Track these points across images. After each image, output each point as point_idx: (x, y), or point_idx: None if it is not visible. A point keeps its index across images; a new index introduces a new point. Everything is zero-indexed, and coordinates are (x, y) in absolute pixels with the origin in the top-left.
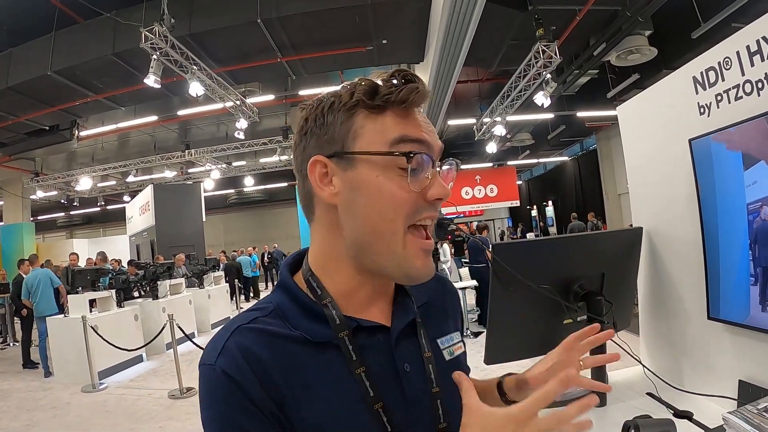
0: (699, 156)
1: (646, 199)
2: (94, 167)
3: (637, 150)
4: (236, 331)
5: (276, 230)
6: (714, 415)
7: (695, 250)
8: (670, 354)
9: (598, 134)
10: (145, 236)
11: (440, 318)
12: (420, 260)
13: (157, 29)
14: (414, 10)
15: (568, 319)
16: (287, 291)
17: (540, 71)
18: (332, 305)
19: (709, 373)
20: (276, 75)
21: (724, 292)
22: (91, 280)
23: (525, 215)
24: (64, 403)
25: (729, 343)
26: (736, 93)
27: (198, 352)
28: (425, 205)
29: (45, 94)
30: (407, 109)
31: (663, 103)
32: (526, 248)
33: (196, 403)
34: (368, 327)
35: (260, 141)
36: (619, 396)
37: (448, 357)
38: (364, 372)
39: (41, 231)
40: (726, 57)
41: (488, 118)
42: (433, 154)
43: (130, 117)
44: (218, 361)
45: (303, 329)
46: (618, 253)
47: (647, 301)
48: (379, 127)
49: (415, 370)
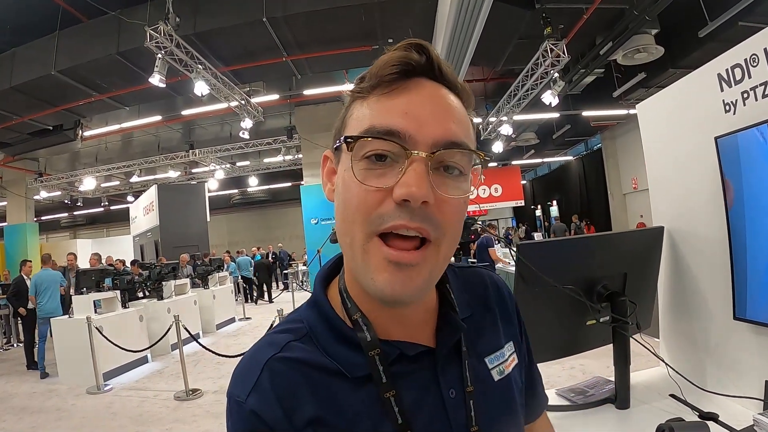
0: (726, 154)
1: (667, 198)
2: (97, 167)
3: (657, 149)
4: (270, 363)
5: (280, 230)
6: (740, 417)
7: (720, 249)
8: (692, 355)
9: (603, 134)
10: (149, 236)
11: (489, 330)
12: (381, 273)
13: (162, 28)
14: (421, 8)
15: (591, 320)
16: (318, 310)
17: (548, 70)
18: (363, 321)
19: (734, 374)
20: (281, 74)
21: (751, 292)
22: (95, 280)
23: (529, 215)
24: (69, 405)
25: (755, 344)
26: (764, 90)
27: (204, 353)
28: (391, 208)
29: (48, 93)
30: (396, 89)
31: (685, 101)
32: (550, 248)
33: (203, 404)
34: (413, 355)
35: (264, 141)
36: (641, 398)
37: (498, 377)
38: (394, 396)
39: (45, 231)
40: (753, 54)
41: (494, 117)
42: (410, 143)
43: (133, 117)
44: (249, 399)
45: (338, 358)
46: (639, 253)
47: (668, 301)
48: (357, 114)
49: (460, 397)
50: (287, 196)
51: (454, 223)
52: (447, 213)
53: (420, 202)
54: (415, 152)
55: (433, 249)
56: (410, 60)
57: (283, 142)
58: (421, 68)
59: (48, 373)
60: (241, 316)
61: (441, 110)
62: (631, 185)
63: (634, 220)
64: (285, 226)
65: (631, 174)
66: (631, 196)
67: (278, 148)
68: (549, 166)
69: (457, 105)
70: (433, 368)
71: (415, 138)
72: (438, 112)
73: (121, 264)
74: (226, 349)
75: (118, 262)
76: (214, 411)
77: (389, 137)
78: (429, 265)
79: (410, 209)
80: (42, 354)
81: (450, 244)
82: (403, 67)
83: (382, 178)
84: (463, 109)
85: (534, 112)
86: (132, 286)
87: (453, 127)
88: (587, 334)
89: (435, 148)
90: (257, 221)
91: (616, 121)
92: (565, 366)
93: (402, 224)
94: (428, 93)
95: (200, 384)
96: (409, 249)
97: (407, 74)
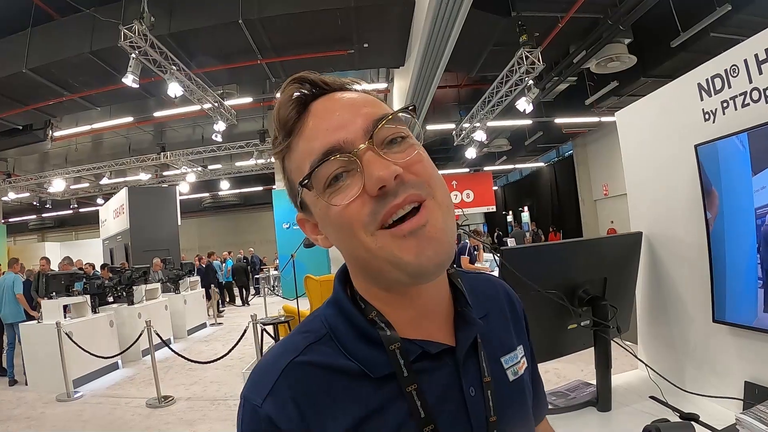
0: (705, 162)
1: (645, 204)
2: (67, 169)
3: (636, 156)
4: (289, 367)
5: (251, 235)
6: (720, 417)
7: (698, 253)
8: (671, 357)
9: (574, 140)
10: (119, 240)
11: (503, 331)
12: (407, 250)
13: (137, 27)
14: (397, 13)
15: (572, 324)
16: (340, 310)
17: (522, 77)
18: (380, 318)
19: (713, 375)
20: (255, 77)
21: (730, 295)
22: (65, 285)
23: (501, 221)
24: (39, 413)
25: (734, 346)
26: (743, 100)
27: (175, 358)
28: (376, 204)
29: (19, 92)
30: (304, 121)
31: (665, 110)
32: (531, 253)
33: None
34: (435, 353)
35: (237, 144)
36: (622, 400)
37: (512, 377)
38: (416, 391)
39: (12, 233)
40: (733, 65)
41: (468, 123)
42: (349, 147)
43: (105, 118)
44: (265, 404)
45: (359, 357)
46: (619, 258)
47: (646, 305)
48: (294, 165)
49: (478, 395)
50: (259, 201)
51: (432, 174)
52: (420, 170)
53: (393, 179)
54: (357, 149)
55: (431, 202)
56: (299, 93)
57: (256, 145)
58: (311, 95)
59: (17, 380)
60: (212, 321)
61: (348, 106)
62: (602, 191)
63: (604, 226)
64: (256, 230)
65: (602, 180)
66: (601, 202)
67: (250, 151)
68: (521, 172)
69: (357, 95)
70: (455, 366)
71: (350, 140)
72: (347, 109)
73: (90, 268)
74: (198, 355)
75: (87, 266)
76: (187, 418)
77: (331, 154)
78: (437, 216)
79: (390, 192)
80: (10, 361)
81: (442, 191)
82: (297, 101)
83: (350, 189)
84: (363, 94)
85: (507, 119)
86: (102, 290)
87: (367, 110)
88: (568, 338)
89: (368, 134)
90: (228, 225)
91: (587, 128)
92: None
93: (393, 206)
94: (329, 103)
95: (172, 391)
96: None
97: (304, 105)
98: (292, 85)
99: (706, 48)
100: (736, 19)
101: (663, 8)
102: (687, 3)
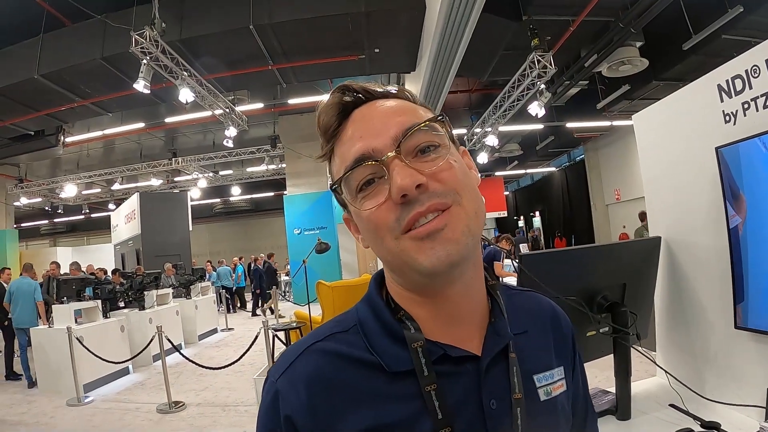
0: (727, 164)
1: (664, 209)
2: (79, 174)
3: (654, 159)
4: (308, 350)
5: (263, 240)
6: (742, 425)
7: (719, 258)
8: (691, 364)
9: (586, 145)
10: (130, 245)
11: (542, 349)
12: (422, 251)
13: (148, 33)
14: (408, 18)
15: (591, 331)
16: (372, 306)
17: (534, 81)
18: (407, 317)
19: (735, 382)
20: (266, 83)
21: (753, 301)
22: (76, 290)
23: (512, 226)
24: (49, 417)
25: (756, 352)
26: (765, 101)
27: (186, 364)
28: (401, 211)
29: (31, 98)
30: (343, 128)
31: (684, 112)
32: (550, 259)
33: (186, 417)
34: (456, 357)
35: (248, 150)
36: (642, 408)
37: (544, 397)
38: (434, 390)
39: (24, 238)
40: (754, 65)
41: (479, 128)
42: (378, 155)
43: (116, 124)
44: (279, 380)
45: (381, 353)
46: (638, 264)
47: (665, 311)
48: (334, 169)
49: (501, 409)
50: (270, 206)
51: (460, 181)
52: (447, 178)
53: (414, 188)
54: (385, 157)
55: (456, 208)
56: (340, 101)
57: (267, 151)
58: (352, 102)
59: (35, 383)
60: (223, 326)
61: (384, 115)
62: (614, 196)
63: (616, 231)
64: (268, 236)
65: (614, 185)
66: (613, 207)
67: (261, 157)
68: (532, 177)
69: (395, 103)
70: (477, 375)
71: (379, 148)
72: (382, 117)
73: (102, 273)
74: (209, 360)
75: (99, 271)
76: (197, 424)
77: (361, 162)
78: (460, 220)
79: (414, 200)
80: (25, 364)
81: (470, 197)
82: (338, 109)
83: (379, 195)
84: (404, 102)
85: (518, 123)
86: (113, 295)
87: (401, 119)
88: (587, 345)
89: (397, 143)
90: (239, 231)
91: (599, 132)
92: None
93: (416, 213)
94: (367, 111)
95: (183, 396)
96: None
97: (345, 114)
98: (336, 93)
99: (718, 50)
100: (748, 20)
101: (674, 11)
102: (698, 5)
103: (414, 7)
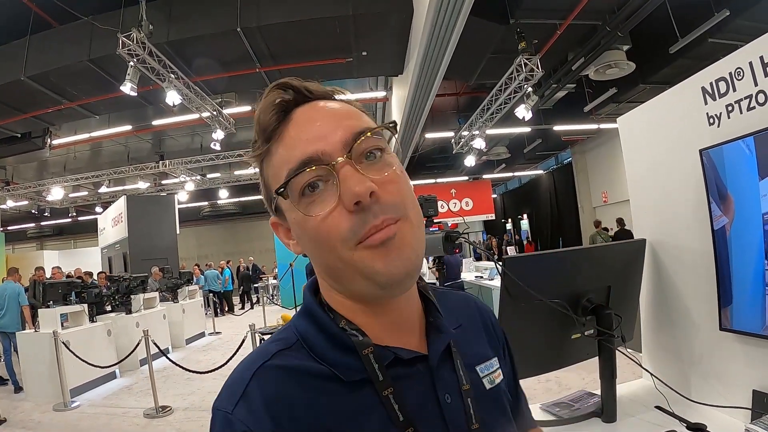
0: (711, 166)
1: (649, 211)
2: (65, 177)
3: (639, 162)
4: (259, 371)
5: (250, 243)
6: (727, 427)
7: (704, 260)
8: (676, 367)
9: (573, 148)
10: (117, 248)
11: (478, 342)
12: (379, 259)
13: (135, 35)
14: (396, 21)
15: (576, 334)
16: (312, 318)
17: (521, 84)
18: (350, 325)
19: (720, 384)
20: (253, 85)
21: (737, 302)
22: (62, 293)
23: (500, 229)
24: (35, 422)
25: (741, 354)
26: (749, 103)
27: (173, 368)
28: (354, 220)
29: (17, 99)
30: (285, 128)
31: (669, 114)
32: (534, 262)
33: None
34: (408, 359)
35: (235, 153)
36: (627, 411)
37: (489, 386)
38: (392, 394)
39: (11, 242)
40: (738, 68)
41: (466, 131)
42: (327, 159)
43: (103, 126)
44: (236, 410)
45: (332, 362)
46: (623, 266)
47: (651, 313)
48: (272, 171)
49: (455, 402)
50: (258, 209)
51: (405, 195)
52: (394, 191)
53: (368, 195)
54: (335, 162)
55: (404, 221)
56: (281, 99)
57: None
58: (293, 101)
59: (22, 387)
60: (210, 330)
61: (330, 117)
62: (601, 199)
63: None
64: (255, 239)
65: (601, 188)
66: (601, 209)
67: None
68: (520, 179)
69: (339, 106)
70: (429, 373)
71: (328, 152)
72: (328, 119)
73: (88, 276)
74: (196, 364)
75: (85, 275)
76: (184, 429)
77: (308, 165)
78: (408, 232)
79: (366, 208)
80: (10, 369)
81: (415, 211)
82: (279, 107)
83: (326, 201)
84: (346, 105)
85: (506, 126)
86: (100, 299)
87: (348, 123)
88: (572, 348)
89: (347, 147)
90: (227, 234)
91: (586, 135)
92: (541, 379)
93: (372, 227)
94: (311, 112)
95: (170, 401)
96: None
97: (285, 112)
98: (275, 90)
99: (704, 54)
100: (735, 24)
101: (661, 14)
102: (685, 9)
103: (402, 10)
